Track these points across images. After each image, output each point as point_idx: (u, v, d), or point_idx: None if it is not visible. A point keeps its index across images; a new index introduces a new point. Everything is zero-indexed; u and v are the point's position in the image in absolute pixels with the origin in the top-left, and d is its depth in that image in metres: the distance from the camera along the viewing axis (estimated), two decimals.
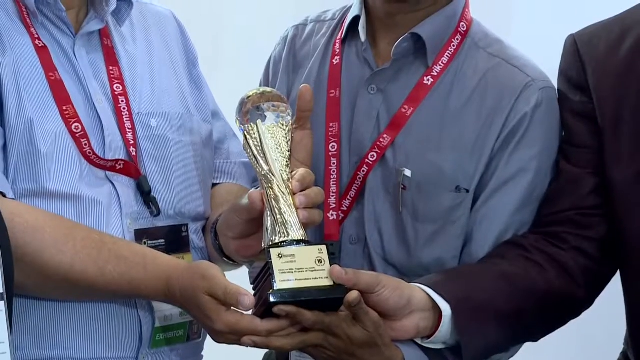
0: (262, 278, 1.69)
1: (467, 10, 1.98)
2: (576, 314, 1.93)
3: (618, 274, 1.95)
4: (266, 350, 1.97)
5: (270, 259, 1.65)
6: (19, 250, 1.53)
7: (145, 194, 1.79)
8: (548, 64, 1.98)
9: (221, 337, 1.69)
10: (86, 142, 1.74)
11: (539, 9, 2.17)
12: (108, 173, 1.76)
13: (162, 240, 1.78)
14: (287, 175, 1.71)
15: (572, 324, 1.95)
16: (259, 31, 2.18)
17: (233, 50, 2.20)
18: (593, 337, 2.00)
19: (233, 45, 2.21)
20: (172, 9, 2.04)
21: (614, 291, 1.93)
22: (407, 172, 1.88)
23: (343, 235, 1.91)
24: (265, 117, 1.74)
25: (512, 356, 1.94)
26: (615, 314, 1.93)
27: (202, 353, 1.90)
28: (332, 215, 1.89)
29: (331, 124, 1.94)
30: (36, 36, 1.76)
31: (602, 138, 1.87)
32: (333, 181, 1.91)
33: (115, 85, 1.81)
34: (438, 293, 1.75)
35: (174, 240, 1.80)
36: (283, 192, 1.69)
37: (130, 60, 1.87)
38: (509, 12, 2.14)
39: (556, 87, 1.96)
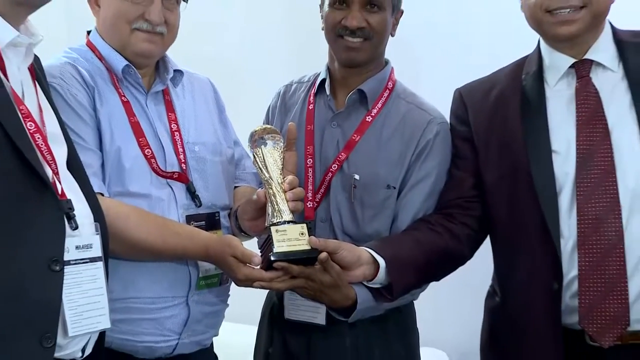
0: (266, 245, 1.70)
1: (392, 74, 1.98)
2: (462, 263, 1.93)
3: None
4: (268, 291, 1.97)
5: (271, 233, 1.66)
6: (112, 230, 1.53)
7: (192, 193, 1.78)
8: (443, 107, 1.98)
9: (241, 283, 1.70)
10: (154, 161, 1.74)
11: (438, 72, 2.16)
12: (168, 180, 1.75)
13: (203, 222, 1.77)
14: (281, 180, 1.71)
15: (460, 269, 1.95)
16: (265, 88, 2.16)
17: (248, 101, 2.20)
18: (473, 276, 2.01)
19: (248, 97, 2.21)
20: (208, 74, 2.03)
21: (486, 247, 1.94)
22: (357, 177, 1.87)
23: (316, 217, 1.89)
24: (267, 143, 1.75)
25: (423, 290, 1.94)
26: (487, 262, 1.93)
27: (229, 293, 1.89)
28: (309, 204, 1.88)
29: (308, 147, 1.92)
30: (122, 94, 1.75)
31: (478, 154, 1.87)
32: (310, 183, 1.90)
33: (172, 125, 1.80)
34: (377, 252, 1.76)
35: (210, 222, 1.79)
36: (278, 191, 1.71)
37: (182, 109, 1.86)
38: (417, 75, 2.14)
39: (449, 122, 1.95)
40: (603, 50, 1.77)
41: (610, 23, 1.80)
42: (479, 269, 1.96)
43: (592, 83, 1.76)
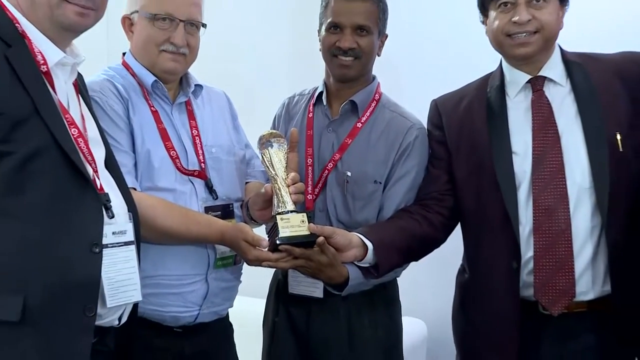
0: (272, 231, 1.69)
1: (379, 87, 1.97)
2: (438, 246, 1.93)
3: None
4: (275, 269, 1.96)
5: (276, 220, 1.66)
6: (142, 219, 1.53)
7: (209, 188, 1.77)
8: (421, 115, 1.97)
9: (251, 263, 1.71)
10: (178, 161, 1.74)
11: (417, 86, 2.17)
12: (190, 177, 1.75)
13: (219, 212, 1.76)
14: (285, 176, 1.71)
15: (436, 251, 1.94)
16: (272, 99, 2.14)
17: (258, 111, 2.20)
18: (447, 257, 1.99)
19: (258, 108, 2.20)
20: (225, 88, 2.03)
21: (457, 232, 1.93)
22: (349, 174, 1.86)
23: (315, 207, 1.88)
24: (273, 145, 1.75)
25: (404, 269, 1.94)
26: (458, 245, 1.93)
27: (242, 271, 1.88)
28: (309, 197, 1.87)
29: (308, 149, 1.91)
30: (151, 105, 1.75)
31: (450, 154, 1.87)
32: (309, 179, 1.89)
33: (193, 131, 1.80)
34: (366, 237, 1.76)
35: (225, 212, 1.78)
36: (283, 186, 1.71)
37: (201, 117, 1.85)
38: (400, 88, 2.13)
39: (426, 127, 1.94)
40: (554, 68, 1.77)
41: (559, 46, 1.80)
42: (452, 250, 1.95)
43: (545, 96, 1.76)
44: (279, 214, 1.67)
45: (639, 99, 1.73)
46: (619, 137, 1.69)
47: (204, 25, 1.79)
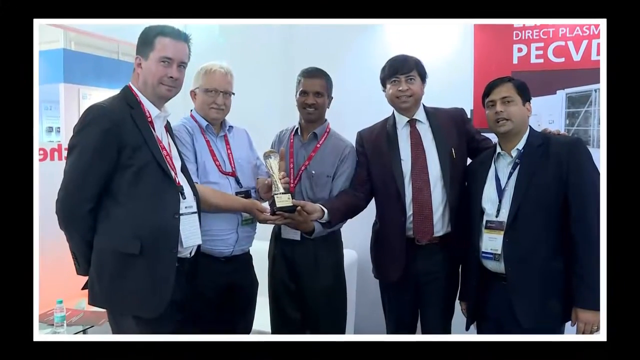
0: (272, 203, 1.71)
1: (329, 125, 1.97)
2: (362, 210, 1.93)
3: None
4: (273, 225, 1.90)
5: (274, 198, 1.68)
6: (201, 199, 1.57)
7: (238, 182, 1.77)
8: (353, 140, 1.97)
9: (261, 222, 1.74)
10: (220, 167, 1.75)
11: (351, 125, 2.11)
12: (227, 176, 1.76)
13: (243, 195, 1.76)
14: (278, 174, 1.74)
15: (362, 212, 1.94)
16: (271, 132, 2.07)
17: (263, 139, 2.19)
18: (366, 216, 1.94)
19: (263, 137, 2.19)
20: (245, 127, 1.98)
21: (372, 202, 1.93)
22: (313, 172, 1.89)
23: (295, 191, 1.87)
24: (271, 157, 1.77)
25: (344, 223, 1.89)
26: (373, 208, 1.93)
27: (256, 227, 1.87)
28: (292, 185, 1.89)
29: (290, 159, 1.93)
30: (205, 137, 1.77)
31: (368, 160, 1.88)
32: (292, 175, 1.91)
33: (228, 151, 1.79)
34: (323, 206, 1.78)
35: (246, 195, 1.78)
36: (277, 179, 1.73)
37: (232, 143, 1.83)
38: (343, 125, 2.08)
39: (355, 146, 1.96)
40: (420, 114, 1.83)
41: (423, 103, 1.85)
42: (370, 212, 1.96)
43: (417, 129, 1.81)
44: (275, 194, 1.68)
45: (461, 133, 1.84)
46: (453, 150, 1.79)
47: (233, 93, 1.80)
